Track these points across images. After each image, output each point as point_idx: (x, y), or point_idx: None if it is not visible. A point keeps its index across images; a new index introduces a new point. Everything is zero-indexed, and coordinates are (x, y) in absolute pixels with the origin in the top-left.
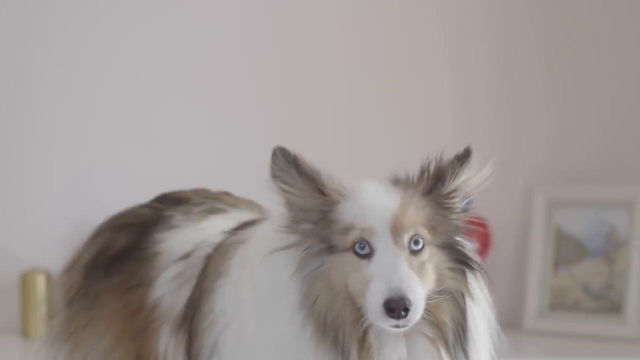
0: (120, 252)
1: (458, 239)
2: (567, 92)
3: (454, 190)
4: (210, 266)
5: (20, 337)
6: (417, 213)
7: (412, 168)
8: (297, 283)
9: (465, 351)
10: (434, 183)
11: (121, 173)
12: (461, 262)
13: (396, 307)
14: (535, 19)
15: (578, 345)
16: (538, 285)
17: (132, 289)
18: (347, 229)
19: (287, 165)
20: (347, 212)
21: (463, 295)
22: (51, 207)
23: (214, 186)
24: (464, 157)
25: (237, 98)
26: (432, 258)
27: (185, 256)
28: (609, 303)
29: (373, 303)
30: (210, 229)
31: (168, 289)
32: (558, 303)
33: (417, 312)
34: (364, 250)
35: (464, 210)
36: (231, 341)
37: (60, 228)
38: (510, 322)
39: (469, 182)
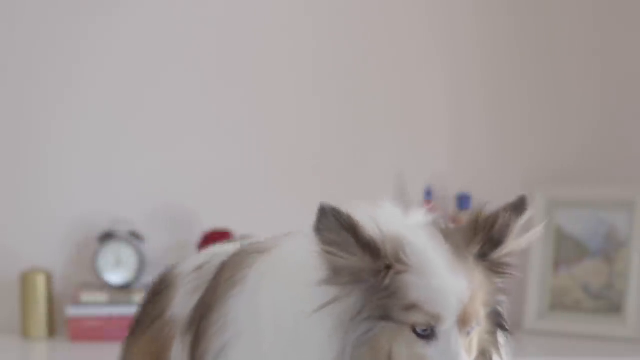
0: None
1: (499, 302)
2: (567, 92)
3: (510, 253)
4: (225, 273)
5: (20, 337)
6: (481, 296)
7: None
8: (336, 338)
9: None
10: (491, 246)
11: (121, 174)
12: (497, 323)
13: None
14: (536, 21)
15: (578, 345)
16: (538, 285)
17: (157, 318)
18: (412, 307)
19: (340, 228)
20: (412, 289)
21: (493, 354)
22: (51, 207)
23: (219, 193)
24: (520, 211)
25: (239, 99)
26: (478, 330)
27: (199, 267)
28: (609, 303)
29: None
30: (228, 246)
31: (182, 301)
32: (558, 303)
33: None
34: (425, 332)
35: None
36: (242, 352)
37: (60, 228)
38: (510, 322)
39: (522, 241)
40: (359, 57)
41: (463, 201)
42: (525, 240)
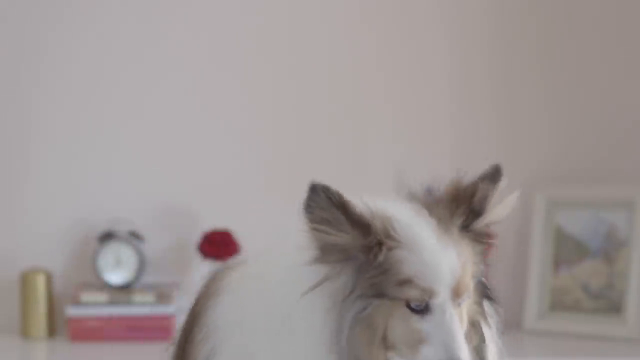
0: None
1: (484, 271)
2: (568, 92)
3: (490, 223)
4: (204, 288)
5: (20, 337)
6: (470, 267)
7: (437, 186)
8: (330, 319)
9: None
10: (473, 217)
11: (121, 174)
12: (483, 294)
13: None
14: (536, 20)
15: (578, 345)
16: (538, 285)
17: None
18: (405, 283)
19: (330, 205)
20: (405, 265)
21: (482, 323)
22: (51, 208)
23: (219, 193)
24: (495, 179)
25: (239, 99)
26: (467, 301)
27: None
28: (609, 303)
29: None
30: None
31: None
32: (558, 303)
33: None
34: (419, 307)
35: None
36: (228, 356)
37: (60, 228)
38: (510, 322)
39: (499, 209)
40: (360, 58)
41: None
42: (504, 209)
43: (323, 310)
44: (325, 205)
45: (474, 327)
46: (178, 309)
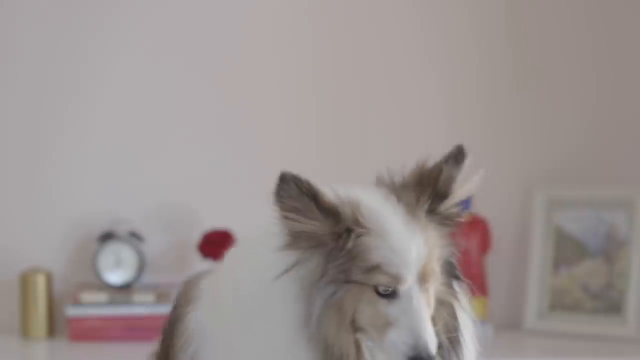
0: None
1: (451, 252)
2: (567, 91)
3: (455, 204)
4: (181, 296)
5: (20, 337)
6: (436, 252)
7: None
8: (301, 306)
9: (457, 355)
10: (439, 200)
11: (121, 174)
12: (449, 273)
13: None
14: (536, 20)
15: (578, 345)
16: (538, 285)
17: None
18: (374, 269)
19: (300, 194)
20: (373, 251)
21: (453, 302)
22: (51, 208)
23: (219, 193)
24: (459, 160)
25: (239, 99)
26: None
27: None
28: (609, 303)
29: (397, 353)
30: None
31: None
32: (558, 303)
33: None
34: (387, 292)
35: (463, 209)
36: (212, 355)
37: (60, 228)
38: (510, 322)
39: (465, 189)
40: (355, 59)
41: (462, 201)
42: (468, 189)
43: (294, 295)
44: (295, 194)
45: (443, 306)
46: None
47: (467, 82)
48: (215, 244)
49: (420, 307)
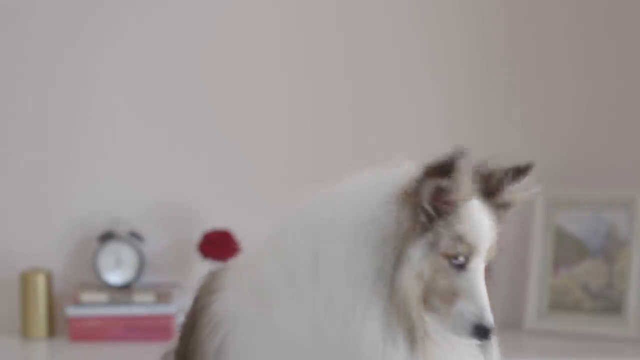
0: None
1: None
2: (567, 92)
3: (509, 201)
4: (203, 289)
5: (20, 337)
6: (496, 238)
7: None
8: (384, 260)
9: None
10: (495, 191)
11: (121, 174)
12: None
13: (487, 334)
14: (537, 20)
15: (578, 345)
16: (538, 285)
17: None
18: (457, 239)
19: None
20: (462, 222)
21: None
22: (51, 207)
23: (219, 193)
24: (524, 172)
25: (239, 100)
26: None
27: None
28: (609, 303)
29: (464, 321)
30: None
31: None
32: (558, 303)
33: None
34: (459, 262)
35: None
36: (244, 338)
37: (60, 228)
38: (510, 322)
39: (520, 197)
40: (354, 59)
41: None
42: (523, 195)
43: (371, 250)
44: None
45: None
46: (178, 309)
47: (465, 82)
48: (215, 244)
49: (482, 281)
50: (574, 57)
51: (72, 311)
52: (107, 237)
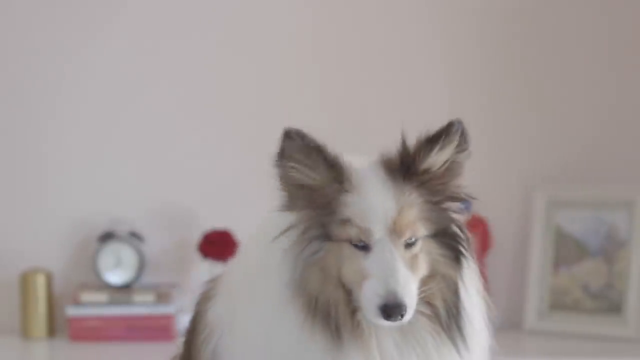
0: None
1: (450, 225)
2: (567, 91)
3: (443, 172)
4: (202, 296)
5: (20, 337)
6: (412, 211)
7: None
8: (289, 264)
9: (460, 328)
10: (415, 163)
11: (121, 174)
12: (452, 247)
13: (392, 313)
14: (537, 19)
15: (578, 345)
16: (538, 285)
17: None
18: (346, 222)
19: (307, 147)
20: (348, 206)
21: (455, 278)
22: (51, 207)
23: (219, 193)
24: (444, 133)
25: (239, 100)
26: (424, 248)
27: None
28: (609, 303)
29: (369, 303)
30: None
31: None
32: (558, 303)
33: (411, 313)
34: (361, 244)
35: (464, 208)
36: (231, 346)
37: (60, 228)
38: (510, 322)
39: (456, 159)
40: (358, 55)
41: (462, 201)
42: (445, 154)
43: (284, 252)
44: (302, 147)
45: (444, 279)
46: (178, 309)
47: (468, 82)
48: (215, 244)
49: (393, 258)
50: (576, 59)
51: (72, 311)
52: (107, 237)
